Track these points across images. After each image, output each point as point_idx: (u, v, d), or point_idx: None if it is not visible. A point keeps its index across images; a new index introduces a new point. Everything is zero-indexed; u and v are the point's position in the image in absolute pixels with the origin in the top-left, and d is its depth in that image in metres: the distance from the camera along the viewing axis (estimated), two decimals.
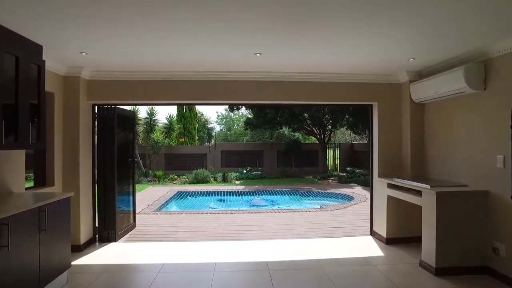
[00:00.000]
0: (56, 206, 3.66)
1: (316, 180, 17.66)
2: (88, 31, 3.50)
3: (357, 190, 12.02)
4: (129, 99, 5.61)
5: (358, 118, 15.92)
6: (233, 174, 18.56)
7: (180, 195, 11.53)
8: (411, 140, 5.54)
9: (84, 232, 5.34)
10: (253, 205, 9.86)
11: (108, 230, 5.72)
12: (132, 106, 19.46)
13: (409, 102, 5.53)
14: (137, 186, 14.49)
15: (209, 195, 11.77)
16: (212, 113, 52.69)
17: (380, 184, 5.70)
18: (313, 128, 19.67)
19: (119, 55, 4.47)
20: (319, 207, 9.05)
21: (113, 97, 5.56)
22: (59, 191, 4.94)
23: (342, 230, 6.55)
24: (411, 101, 5.50)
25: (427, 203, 4.25)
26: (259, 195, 11.74)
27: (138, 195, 10.87)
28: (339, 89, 5.71)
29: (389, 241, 5.42)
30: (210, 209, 9.27)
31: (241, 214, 8.11)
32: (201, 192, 11.96)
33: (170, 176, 18.34)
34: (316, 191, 11.88)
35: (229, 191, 12.01)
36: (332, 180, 17.38)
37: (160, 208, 8.94)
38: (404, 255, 4.89)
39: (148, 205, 9.14)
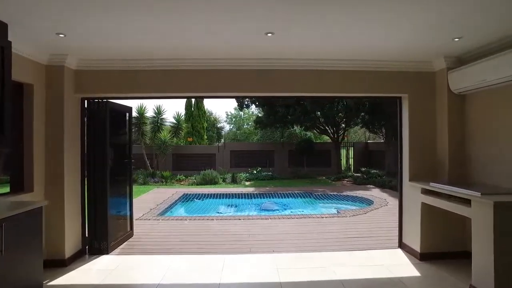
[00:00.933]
0: (22, 219, 2.98)
1: (330, 181, 16.83)
2: (61, 3, 2.81)
3: (375, 193, 11.16)
4: (124, 92, 4.90)
5: (375, 115, 15.00)
6: (242, 175, 17.86)
7: (186, 198, 10.86)
8: (449, 137, 4.70)
9: (71, 243, 4.67)
10: (264, 210, 9.12)
11: (99, 240, 5.05)
12: (139, 104, 19.14)
13: (446, 93, 4.70)
14: (142, 188, 14.14)
15: (216, 198, 11.07)
16: (221, 112, 52.10)
17: (412, 189, 4.88)
18: (326, 127, 18.82)
19: (108, 39, 3.77)
20: (336, 212, 8.25)
21: (105, 90, 4.87)
22: (39, 198, 4.27)
23: (364, 240, 5.75)
24: (449, 92, 4.66)
25: (480, 215, 3.43)
26: (270, 197, 10.99)
27: (141, 198, 10.32)
28: (363, 78, 4.92)
29: (424, 257, 4.61)
30: (217, 214, 8.55)
31: (250, 220, 7.37)
32: (208, 194, 11.27)
33: (178, 176, 17.74)
34: (331, 193, 11.07)
35: (238, 194, 11.29)
36: (347, 181, 16.52)
37: (163, 213, 8.27)
38: (445, 276, 4.08)
39: (151, 209, 8.47)
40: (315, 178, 18.26)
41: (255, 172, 18.58)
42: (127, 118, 5.99)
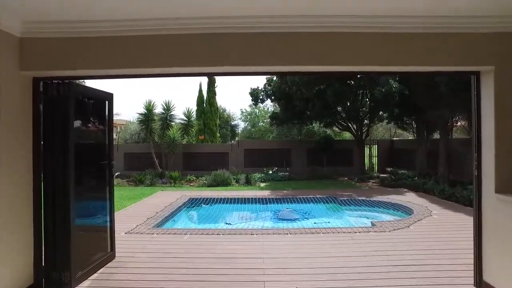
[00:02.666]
0: None
1: (353, 182, 15.26)
2: None
3: (411, 198, 9.56)
4: (94, 67, 3.54)
5: (406, 108, 13.31)
6: (257, 176, 16.49)
7: (193, 203, 9.55)
8: None
9: (14, 277, 3.37)
10: (281, 219, 7.69)
11: (59, 270, 3.74)
12: (147, 100, 18.01)
13: None
14: (147, 190, 12.90)
15: (227, 203, 9.70)
16: (235, 109, 50.76)
17: (501, 205, 3.34)
18: (349, 123, 17.18)
19: None
20: (370, 224, 6.74)
21: (68, 65, 3.53)
22: None
23: (420, 270, 4.24)
24: None
25: None
26: (287, 203, 9.55)
27: (140, 204, 9.07)
28: (419, 44, 3.41)
29: None
30: (225, 227, 7.17)
31: (265, 235, 5.95)
32: (217, 199, 9.91)
33: (188, 177, 16.53)
34: (359, 198, 9.52)
35: (251, 198, 9.88)
36: (373, 182, 14.90)
37: (161, 224, 6.95)
38: None
39: (147, 218, 7.17)
40: (336, 179, 16.71)
41: (271, 172, 17.17)
42: (107, 107, 4.67)
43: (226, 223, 7.09)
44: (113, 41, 3.43)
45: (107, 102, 4.64)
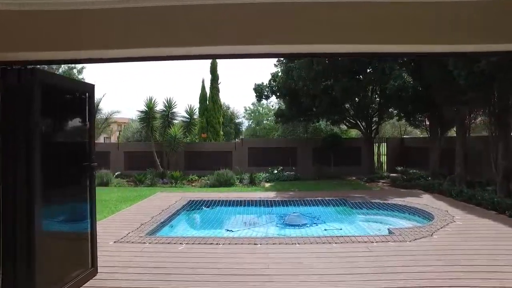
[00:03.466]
0: None
1: (362, 182, 14.54)
2: None
3: (428, 200, 8.85)
4: (63, 48, 2.88)
5: (420, 104, 12.54)
6: (261, 175, 15.83)
7: (192, 205, 8.90)
8: None
9: None
10: (288, 224, 7.02)
11: None
12: (147, 97, 17.41)
13: None
14: (146, 191, 12.12)
15: (229, 205, 9.05)
16: (239, 107, 49.95)
17: None
18: (357, 121, 16.42)
19: None
20: (387, 231, 6.05)
21: (30, 46, 2.88)
22: None
23: None
24: None
25: None
26: (294, 205, 8.89)
27: (135, 207, 8.40)
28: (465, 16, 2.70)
29: None
30: (226, 234, 6.52)
31: (270, 245, 5.30)
32: (219, 201, 9.25)
33: (190, 177, 15.92)
34: (372, 201, 8.81)
35: (256, 200, 9.20)
36: (383, 183, 14.16)
37: (155, 230, 6.33)
38: None
39: (141, 224, 6.54)
40: (344, 179, 16.01)
41: (276, 172, 16.50)
42: (87, 101, 4.02)
43: (227, 230, 6.44)
44: (90, 16, 2.77)
45: (87, 94, 4.01)
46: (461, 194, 9.10)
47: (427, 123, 13.79)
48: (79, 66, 18.07)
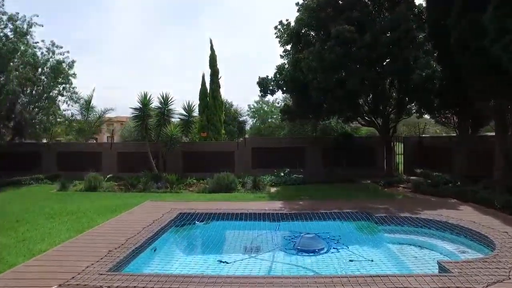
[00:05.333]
0: None
1: (380, 187, 12.93)
2: None
3: (470, 214, 7.24)
4: None
5: (446, 97, 10.89)
6: (266, 178, 14.32)
7: (183, 220, 7.36)
8: None
9: None
10: (301, 250, 5.46)
11: None
12: (142, 93, 15.89)
13: None
14: (135, 198, 9.89)
15: (227, 219, 7.48)
16: (243, 105, 48.28)
17: None
18: (373, 118, 14.77)
19: None
20: (436, 265, 4.47)
21: None
22: None
23: None
24: None
25: None
26: (306, 219, 7.31)
27: (114, 221, 6.81)
28: None
29: None
30: (219, 267, 4.96)
31: (279, 287, 3.76)
32: (216, 214, 7.68)
33: (188, 180, 14.46)
34: (401, 215, 7.19)
35: (259, 213, 7.61)
36: (403, 188, 12.53)
37: (128, 259, 4.83)
38: None
39: (110, 250, 5.03)
40: (359, 183, 14.42)
41: (282, 174, 14.97)
42: None
43: (220, 261, 4.90)
44: None
45: None
46: (509, 205, 7.50)
47: (455, 119, 12.10)
48: (68, 60, 16.66)
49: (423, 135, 17.35)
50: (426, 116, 15.03)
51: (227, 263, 4.84)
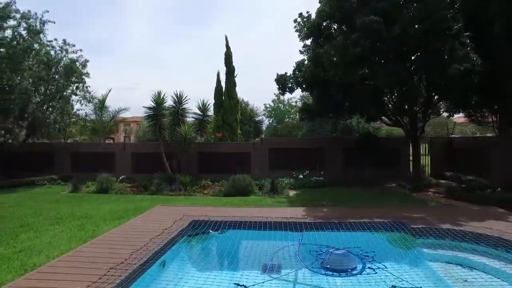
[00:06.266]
0: None
1: (407, 191, 11.99)
2: None
3: None
4: None
5: (485, 94, 9.86)
6: (285, 180, 13.59)
7: (196, 228, 6.70)
8: None
9: None
10: (330, 269, 4.68)
11: None
12: (156, 91, 15.36)
13: None
14: (146, 202, 9.45)
15: (243, 228, 6.75)
16: (259, 104, 47.42)
17: None
18: (398, 116, 13.77)
19: None
20: None
21: None
22: None
23: None
24: None
25: None
26: (332, 229, 6.53)
27: (121, 229, 6.10)
28: None
29: None
30: None
31: None
32: (232, 222, 6.98)
33: (203, 182, 13.84)
34: (442, 226, 6.31)
35: (279, 222, 6.89)
36: (434, 192, 11.53)
37: (131, 280, 4.16)
38: None
39: (111, 267, 4.39)
40: (382, 186, 13.50)
41: (301, 176, 14.18)
42: None
43: (238, 285, 4.17)
44: None
45: None
46: None
47: (493, 118, 11.01)
48: (81, 59, 16.36)
49: (452, 135, 16.21)
50: (458, 115, 13.95)
51: (245, 287, 4.11)
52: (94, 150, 16.82)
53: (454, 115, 13.38)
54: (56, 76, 15.42)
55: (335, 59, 11.06)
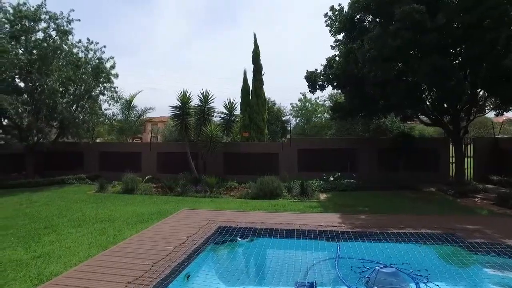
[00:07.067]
0: None
1: (451, 197, 10.96)
2: None
3: None
4: None
5: None
6: (315, 183, 12.91)
7: (223, 235, 6.22)
8: None
9: None
10: None
11: None
12: (182, 90, 15.09)
13: None
14: (171, 204, 9.34)
15: (273, 235, 6.21)
16: (285, 103, 46.34)
17: None
18: (438, 115, 12.71)
19: None
20: None
21: None
22: None
23: None
24: None
25: None
26: (373, 239, 5.84)
27: (143, 236, 5.67)
28: None
29: None
30: None
31: None
32: (261, 230, 6.44)
33: (229, 183, 13.41)
34: (503, 241, 5.47)
35: (312, 231, 6.25)
36: (482, 199, 10.45)
37: None
38: None
39: (136, 278, 3.97)
40: (421, 190, 12.50)
41: (332, 179, 13.45)
42: None
43: None
44: None
45: None
46: None
47: None
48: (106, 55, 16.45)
49: (499, 136, 14.88)
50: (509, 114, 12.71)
51: None
52: (121, 149, 16.82)
53: (504, 113, 12.13)
54: (84, 77, 15.49)
55: (371, 53, 10.27)
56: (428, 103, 12.68)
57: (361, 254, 5.32)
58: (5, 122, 15.26)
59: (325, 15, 12.71)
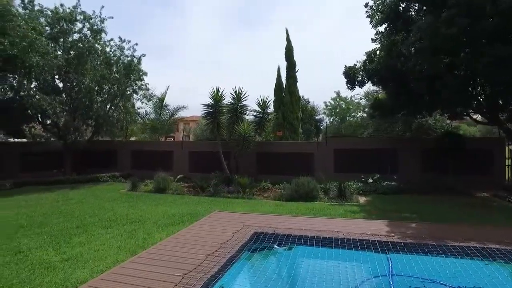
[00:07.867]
0: None
1: (509, 203, 9.81)
2: None
3: None
4: None
5: None
6: (352, 185, 12.14)
7: (259, 241, 5.72)
8: None
9: None
10: None
11: None
12: (214, 88, 14.75)
13: None
14: (204, 205, 9.02)
15: (314, 244, 5.63)
16: (318, 102, 45.09)
17: None
18: (494, 113, 11.49)
19: None
20: None
21: None
22: None
23: None
24: None
25: None
26: (428, 252, 5.10)
27: (174, 240, 5.29)
28: None
29: None
30: None
31: None
32: (300, 237, 5.87)
33: (262, 183, 12.93)
34: None
35: (358, 240, 5.62)
36: None
37: None
38: None
39: None
40: (472, 195, 11.35)
41: (371, 180, 12.59)
42: None
43: None
44: None
45: None
46: None
47: None
48: (138, 53, 16.46)
49: None
50: None
51: None
52: (153, 148, 16.83)
53: None
54: (117, 75, 15.61)
55: (417, 45, 9.37)
56: (480, 99, 11.51)
57: (418, 270, 4.62)
58: (47, 121, 15.73)
59: (366, 5, 11.87)
